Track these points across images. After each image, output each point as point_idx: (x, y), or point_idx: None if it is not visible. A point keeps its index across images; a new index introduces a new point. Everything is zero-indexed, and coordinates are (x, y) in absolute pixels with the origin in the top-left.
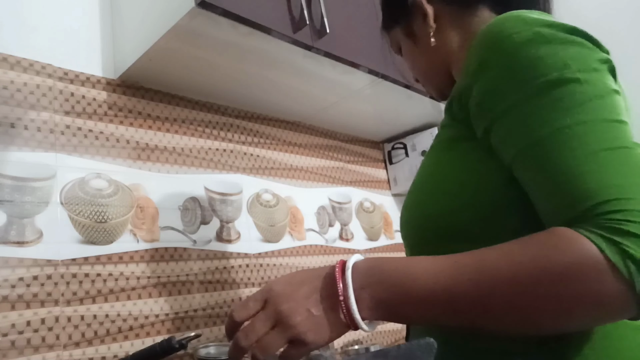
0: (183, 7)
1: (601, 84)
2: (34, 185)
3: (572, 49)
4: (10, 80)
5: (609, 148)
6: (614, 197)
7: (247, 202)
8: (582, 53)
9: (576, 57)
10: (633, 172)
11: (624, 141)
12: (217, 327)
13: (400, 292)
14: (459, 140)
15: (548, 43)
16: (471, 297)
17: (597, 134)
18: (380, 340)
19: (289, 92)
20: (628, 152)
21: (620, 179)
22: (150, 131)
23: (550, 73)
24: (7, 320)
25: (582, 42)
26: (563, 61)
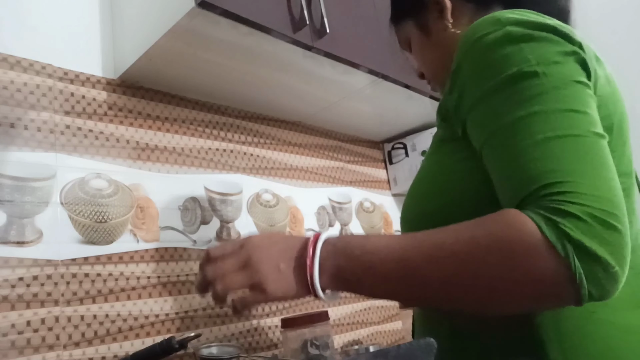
0: (183, 7)
1: (560, 75)
2: (34, 185)
3: (535, 44)
4: (10, 80)
5: (557, 136)
6: (556, 180)
7: (247, 202)
8: (545, 47)
9: (537, 51)
10: (577, 159)
11: (575, 129)
12: (217, 327)
13: (360, 264)
14: (447, 141)
15: (514, 41)
16: (421, 270)
17: (548, 123)
18: (380, 340)
19: (289, 92)
20: (576, 140)
21: (563, 164)
22: (150, 131)
23: (512, 68)
24: (7, 320)
25: (548, 37)
26: (524, 56)
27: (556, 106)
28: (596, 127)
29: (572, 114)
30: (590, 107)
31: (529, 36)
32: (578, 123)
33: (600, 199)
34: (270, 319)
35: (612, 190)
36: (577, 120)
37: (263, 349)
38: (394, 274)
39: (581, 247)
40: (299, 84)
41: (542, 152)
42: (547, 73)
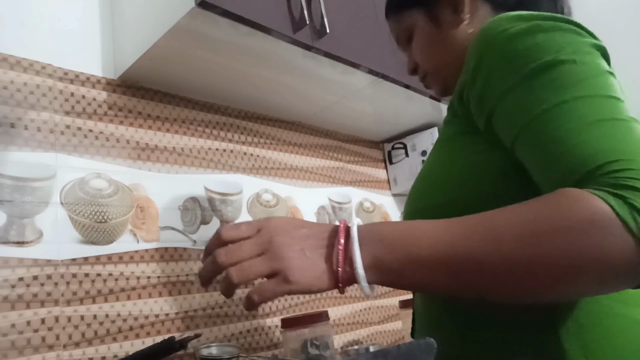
0: (183, 7)
1: (595, 65)
2: (34, 185)
3: (568, 35)
4: (10, 80)
5: (605, 119)
6: (616, 159)
7: (247, 202)
8: (577, 39)
9: (571, 41)
10: (631, 139)
11: (620, 114)
12: (217, 327)
13: (403, 253)
14: (460, 135)
15: (545, 31)
16: (475, 255)
17: (593, 108)
18: (380, 340)
19: (289, 92)
20: (625, 124)
21: (619, 144)
22: (150, 131)
23: (546, 56)
24: (7, 320)
25: (576, 30)
26: (559, 45)
27: (598, 92)
28: (630, 114)
29: (614, 100)
30: (624, 96)
31: (558, 27)
32: (620, 109)
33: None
34: (270, 319)
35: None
36: (619, 107)
37: (263, 349)
38: (444, 261)
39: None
40: (299, 84)
41: (595, 133)
42: (583, 62)
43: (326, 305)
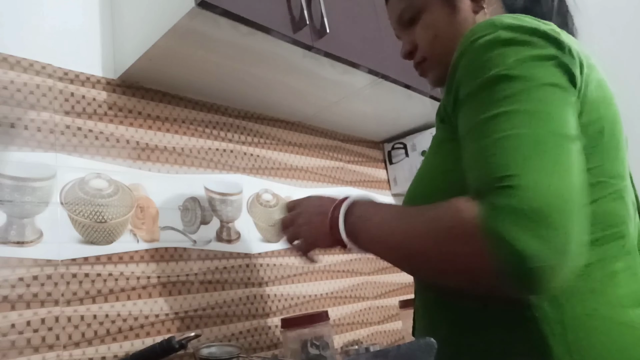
0: (183, 7)
1: (534, 78)
2: (34, 185)
3: (518, 47)
4: (10, 80)
5: (515, 134)
6: (505, 174)
7: (247, 202)
8: (525, 51)
9: (517, 54)
10: (529, 155)
11: (535, 128)
12: (217, 327)
13: (363, 228)
14: (445, 141)
15: (500, 45)
16: (390, 240)
17: (510, 122)
18: (380, 340)
19: (289, 92)
20: (533, 138)
21: (515, 160)
22: (150, 131)
23: (492, 71)
24: (7, 320)
25: (532, 41)
26: (504, 60)
27: (521, 107)
28: (564, 129)
29: (537, 114)
30: (561, 109)
31: (514, 40)
32: (540, 123)
33: (541, 196)
34: (270, 319)
35: (558, 190)
36: (540, 121)
37: (263, 349)
38: (377, 241)
39: (511, 240)
40: (299, 84)
41: (499, 148)
42: (521, 76)
43: (326, 305)
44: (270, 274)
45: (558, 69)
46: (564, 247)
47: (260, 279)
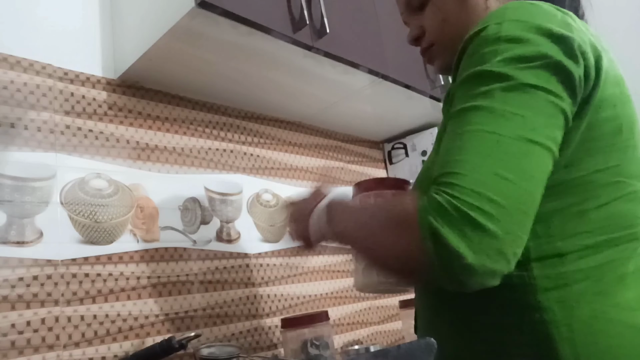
0: (183, 7)
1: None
2: (34, 185)
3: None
4: (10, 80)
5: (474, 130)
6: (450, 170)
7: (247, 202)
8: (518, 49)
9: (509, 52)
10: (478, 154)
11: (496, 128)
12: (217, 327)
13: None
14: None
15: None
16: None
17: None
18: (380, 340)
19: (289, 92)
20: (489, 137)
21: (463, 157)
22: (150, 131)
23: (481, 65)
24: (7, 320)
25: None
26: (494, 57)
27: (494, 105)
28: (532, 134)
29: (507, 115)
30: (536, 113)
31: (511, 37)
32: (508, 124)
33: (479, 196)
34: (270, 319)
35: (502, 192)
36: (509, 122)
37: (263, 349)
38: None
39: (439, 235)
40: (299, 84)
41: (456, 143)
42: (502, 74)
43: (326, 305)
44: (270, 274)
45: (546, 71)
46: (491, 251)
47: (260, 279)
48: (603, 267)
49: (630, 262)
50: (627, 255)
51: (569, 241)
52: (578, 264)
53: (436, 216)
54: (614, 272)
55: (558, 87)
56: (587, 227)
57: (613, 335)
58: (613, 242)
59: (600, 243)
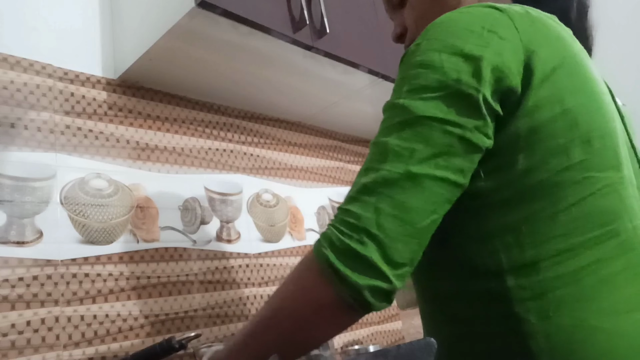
0: (183, 7)
1: (414, 110)
2: (34, 185)
3: (419, 71)
4: (10, 80)
5: (366, 168)
6: (342, 206)
7: (247, 202)
8: (421, 79)
9: (411, 82)
10: (365, 190)
11: (382, 164)
12: (217, 327)
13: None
14: None
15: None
16: (259, 327)
17: (371, 155)
18: (380, 340)
19: (289, 92)
20: (376, 173)
21: (354, 193)
22: (150, 131)
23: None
24: (7, 320)
25: (435, 65)
26: (400, 87)
27: (387, 140)
28: (418, 166)
29: (397, 149)
30: (428, 144)
31: (422, 63)
32: (394, 159)
33: (358, 230)
34: None
35: (381, 225)
36: (395, 156)
37: None
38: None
39: (331, 262)
40: (299, 84)
41: (356, 178)
42: (406, 107)
43: None
44: (270, 274)
45: (445, 101)
46: (370, 273)
47: (260, 279)
48: (582, 270)
49: (617, 261)
50: (611, 254)
51: (541, 248)
52: (555, 270)
53: (327, 247)
54: (596, 275)
55: (457, 116)
56: (559, 230)
57: (593, 344)
58: (591, 243)
59: (576, 245)
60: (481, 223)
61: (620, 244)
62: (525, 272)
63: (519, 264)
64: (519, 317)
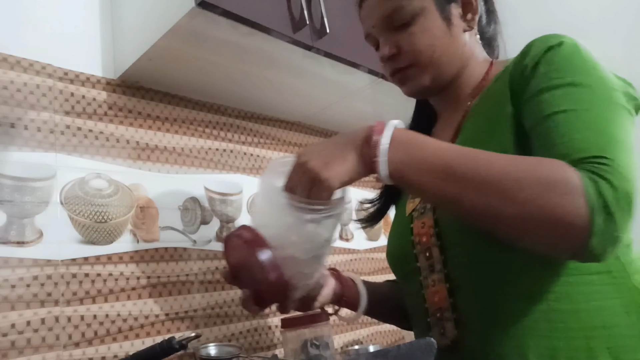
0: (183, 7)
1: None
2: (34, 185)
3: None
4: (10, 80)
5: (597, 123)
6: (598, 154)
7: (247, 202)
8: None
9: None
10: (614, 140)
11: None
12: (217, 327)
13: (411, 151)
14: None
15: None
16: (464, 170)
17: (592, 116)
18: (380, 340)
19: (289, 92)
20: (615, 125)
21: (603, 143)
22: (150, 131)
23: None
24: (7, 320)
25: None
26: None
27: (601, 105)
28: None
29: (613, 109)
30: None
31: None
32: (614, 120)
33: (631, 180)
34: (270, 319)
35: (636, 174)
36: (613, 115)
37: (263, 349)
38: (441, 168)
39: (606, 205)
40: (299, 84)
41: (588, 134)
42: (591, 85)
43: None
44: None
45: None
46: (628, 228)
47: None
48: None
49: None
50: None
51: (628, 233)
52: (635, 253)
53: (608, 190)
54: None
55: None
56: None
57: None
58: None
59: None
60: None
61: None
62: (626, 252)
63: (625, 244)
64: (637, 288)
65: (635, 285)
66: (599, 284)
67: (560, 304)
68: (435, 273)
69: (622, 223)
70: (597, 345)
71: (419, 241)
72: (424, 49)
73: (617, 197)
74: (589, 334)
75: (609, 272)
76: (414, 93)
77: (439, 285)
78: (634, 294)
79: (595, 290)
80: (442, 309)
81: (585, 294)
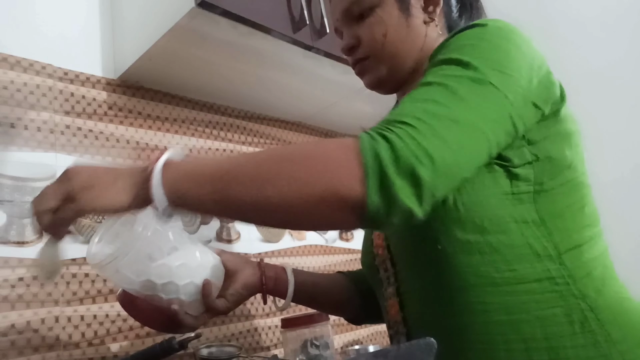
0: (183, 7)
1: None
2: (34, 185)
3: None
4: (10, 80)
5: (420, 98)
6: (399, 119)
7: None
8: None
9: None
10: (417, 107)
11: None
12: (217, 327)
13: (184, 167)
14: None
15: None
16: (235, 169)
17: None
18: (380, 341)
19: (289, 92)
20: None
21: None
22: (150, 131)
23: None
24: (7, 320)
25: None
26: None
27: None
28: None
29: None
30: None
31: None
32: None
33: (422, 150)
34: (270, 319)
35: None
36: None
37: (263, 349)
38: (210, 177)
39: (381, 166)
40: (299, 84)
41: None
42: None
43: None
44: None
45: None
46: (415, 197)
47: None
48: (603, 255)
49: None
50: (605, 246)
51: (580, 234)
52: (590, 253)
53: (384, 154)
54: (609, 259)
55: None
56: (586, 221)
57: (634, 311)
58: (598, 235)
59: (595, 235)
60: (538, 208)
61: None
62: (574, 254)
63: (569, 247)
64: (582, 294)
65: (581, 290)
66: (540, 292)
67: (499, 315)
68: (390, 286)
69: (401, 185)
70: (538, 357)
71: (378, 253)
72: (379, 39)
73: (395, 157)
74: (530, 346)
75: (551, 279)
76: (372, 85)
77: (393, 299)
78: (579, 300)
79: (536, 299)
80: (397, 323)
81: (525, 304)
